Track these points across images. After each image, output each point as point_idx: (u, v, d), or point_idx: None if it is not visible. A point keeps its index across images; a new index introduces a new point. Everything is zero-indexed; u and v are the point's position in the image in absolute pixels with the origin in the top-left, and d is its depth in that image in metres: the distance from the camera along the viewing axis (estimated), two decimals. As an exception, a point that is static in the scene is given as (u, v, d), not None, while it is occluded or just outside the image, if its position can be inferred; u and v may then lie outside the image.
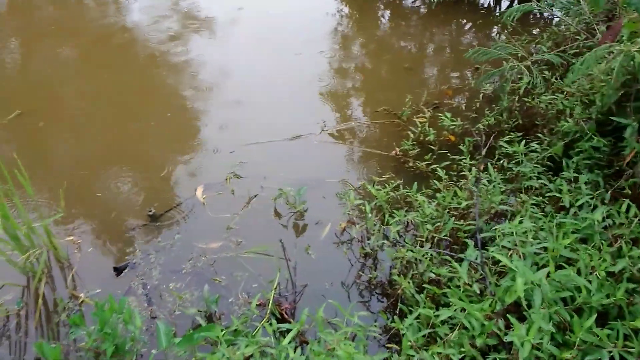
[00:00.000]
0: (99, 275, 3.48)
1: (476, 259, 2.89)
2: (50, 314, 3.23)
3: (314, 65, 5.88)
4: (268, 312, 3.16)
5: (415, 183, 3.81)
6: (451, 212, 3.48)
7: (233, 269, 3.51)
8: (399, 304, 3.05)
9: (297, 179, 4.26)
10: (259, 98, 5.38)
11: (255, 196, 4.11)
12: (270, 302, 3.19)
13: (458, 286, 2.83)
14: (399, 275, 3.11)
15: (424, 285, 3.00)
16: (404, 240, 3.41)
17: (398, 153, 4.49)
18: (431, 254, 3.14)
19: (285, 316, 3.14)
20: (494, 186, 3.57)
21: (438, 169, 4.01)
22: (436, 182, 3.89)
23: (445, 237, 3.33)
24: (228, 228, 3.82)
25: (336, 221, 3.88)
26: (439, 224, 3.37)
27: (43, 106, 5.20)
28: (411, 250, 3.16)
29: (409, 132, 4.61)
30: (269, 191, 4.16)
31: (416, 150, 4.42)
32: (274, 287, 3.34)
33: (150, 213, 3.95)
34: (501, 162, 4.01)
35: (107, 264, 3.54)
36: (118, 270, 3.48)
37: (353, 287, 3.40)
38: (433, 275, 3.01)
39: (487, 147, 4.14)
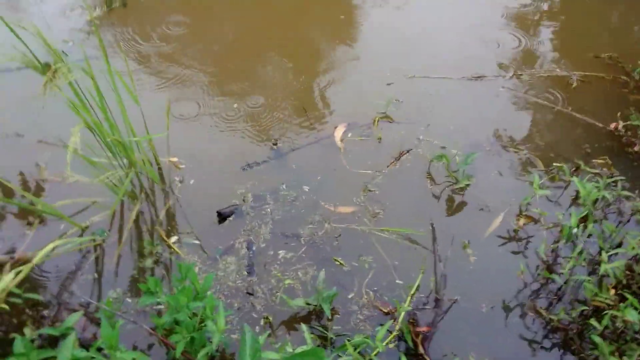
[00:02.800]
0: (199, 216, 2.80)
1: None
2: (132, 255, 2.64)
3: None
4: (397, 329, 2.29)
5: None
6: None
7: (362, 250, 2.64)
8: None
9: (466, 138, 3.17)
10: (432, 17, 4.18)
11: (408, 151, 3.11)
12: (401, 317, 2.31)
13: None
14: (602, 338, 2.04)
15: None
16: (622, 285, 2.27)
17: (619, 128, 3.15)
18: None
19: (420, 347, 2.24)
20: None
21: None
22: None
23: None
24: (365, 190, 2.91)
25: (512, 212, 2.80)
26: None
27: None
28: (635, 307, 2.04)
29: (642, 100, 3.22)
30: (426, 146, 3.13)
31: (649, 131, 3.06)
32: (411, 293, 2.44)
33: (275, 146, 3.15)
34: None
35: (210, 203, 2.84)
36: (222, 216, 2.78)
37: (521, 318, 2.38)
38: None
39: None
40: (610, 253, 2.28)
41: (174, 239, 2.69)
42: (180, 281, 2.13)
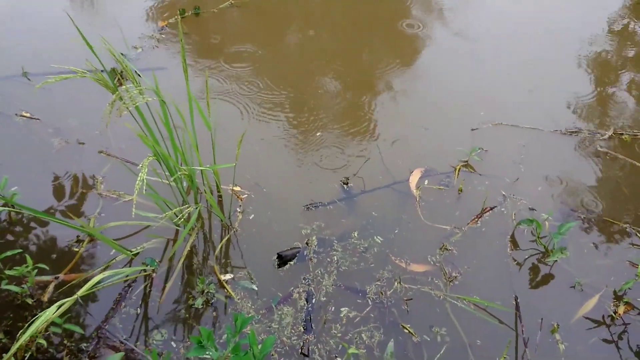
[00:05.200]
0: (257, 255, 2.57)
1: None
2: (183, 291, 2.42)
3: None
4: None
5: None
6: None
7: (434, 319, 2.34)
8: None
9: (559, 201, 2.83)
10: (521, 52, 3.87)
11: (492, 208, 2.80)
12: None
13: None
14: None
15: None
16: None
17: None
18: None
19: None
20: None
21: None
22: None
23: None
24: (442, 248, 2.61)
25: (607, 294, 2.44)
26: None
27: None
28: None
29: None
30: (512, 205, 2.81)
31: None
32: (491, 381, 2.12)
33: (346, 186, 2.89)
34: None
35: (271, 242, 2.60)
36: (282, 259, 2.53)
37: None
38: None
39: None
40: None
41: (228, 277, 2.46)
42: (235, 335, 1.89)
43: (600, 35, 4.12)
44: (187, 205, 2.33)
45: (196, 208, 2.44)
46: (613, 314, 2.37)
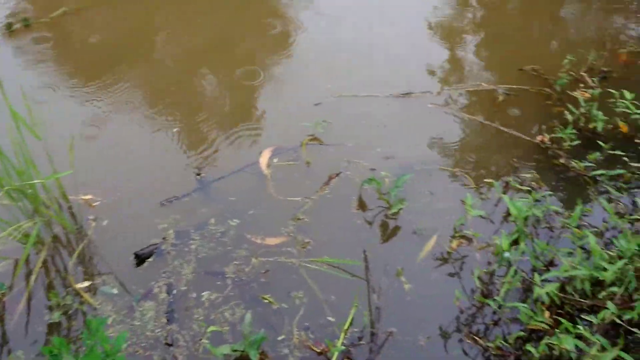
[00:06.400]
0: (115, 259, 2.57)
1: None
2: (36, 309, 2.37)
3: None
4: (331, 371, 2.15)
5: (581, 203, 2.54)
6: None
7: (292, 285, 2.49)
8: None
9: (397, 158, 3.09)
10: (358, 32, 4.11)
11: (337, 174, 2.99)
12: (334, 357, 2.17)
13: None
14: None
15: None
16: (562, 305, 2.22)
17: (545, 141, 3.16)
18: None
19: (355, 389, 2.11)
20: None
21: (606, 183, 2.70)
22: (604, 203, 2.61)
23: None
24: (295, 219, 2.76)
25: (445, 233, 2.72)
26: (616, 289, 2.13)
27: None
28: (568, 331, 1.99)
29: (565, 111, 3.24)
30: (356, 169, 3.02)
31: (574, 142, 3.06)
32: (344, 329, 2.30)
33: (199, 176, 2.96)
34: None
35: (128, 244, 2.61)
36: (140, 258, 2.55)
37: (459, 347, 2.29)
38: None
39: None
40: (542, 277, 2.23)
41: (85, 286, 2.45)
42: (92, 339, 1.91)
43: (442, 4, 4.42)
44: (24, 222, 2.28)
45: (35, 223, 2.40)
46: (449, 250, 2.65)
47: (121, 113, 3.34)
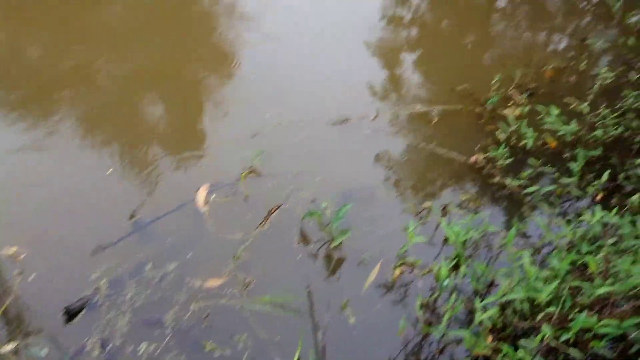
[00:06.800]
0: (44, 315, 2.42)
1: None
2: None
3: (369, 20, 4.50)
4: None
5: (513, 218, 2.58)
6: (573, 289, 2.26)
7: (235, 328, 2.41)
8: None
9: (337, 187, 3.07)
10: (298, 56, 4.09)
11: (277, 208, 2.94)
12: (283, 402, 2.11)
13: None
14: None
15: None
16: (504, 327, 2.23)
17: (479, 161, 3.22)
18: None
19: None
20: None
21: (539, 200, 2.78)
22: (538, 219, 2.67)
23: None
24: (236, 257, 2.69)
25: (388, 260, 2.71)
26: (553, 309, 2.16)
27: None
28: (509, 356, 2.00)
29: (497, 129, 3.31)
30: (296, 200, 2.98)
31: (507, 161, 3.13)
32: (291, 371, 2.24)
33: (132, 219, 2.84)
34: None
35: (56, 298, 2.47)
36: (70, 313, 2.41)
37: (407, 379, 2.27)
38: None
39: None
40: (483, 302, 2.24)
41: (10, 349, 2.28)
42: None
43: (376, 25, 4.44)
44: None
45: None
46: (392, 279, 2.64)
47: (46, 150, 3.18)
